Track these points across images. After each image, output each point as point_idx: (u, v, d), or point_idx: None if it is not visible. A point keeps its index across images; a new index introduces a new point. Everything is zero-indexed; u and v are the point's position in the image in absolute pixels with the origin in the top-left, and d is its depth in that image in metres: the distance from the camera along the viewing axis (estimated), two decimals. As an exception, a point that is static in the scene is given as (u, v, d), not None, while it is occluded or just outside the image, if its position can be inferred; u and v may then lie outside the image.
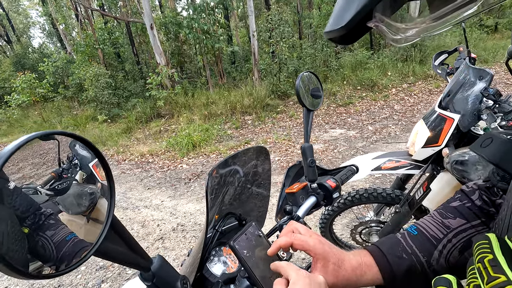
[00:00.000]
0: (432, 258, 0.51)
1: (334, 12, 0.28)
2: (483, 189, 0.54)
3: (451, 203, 0.56)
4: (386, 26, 0.27)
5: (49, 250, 0.35)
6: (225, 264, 0.66)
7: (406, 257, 0.51)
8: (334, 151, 4.44)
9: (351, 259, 0.51)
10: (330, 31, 0.28)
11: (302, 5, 14.51)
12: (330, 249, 0.49)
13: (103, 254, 0.34)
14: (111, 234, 0.36)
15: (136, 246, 0.40)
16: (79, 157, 0.48)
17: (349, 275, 0.49)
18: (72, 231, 0.41)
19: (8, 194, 0.39)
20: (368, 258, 0.52)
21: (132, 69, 13.36)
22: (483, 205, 0.52)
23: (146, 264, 0.41)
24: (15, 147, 0.28)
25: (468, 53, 1.55)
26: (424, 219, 0.57)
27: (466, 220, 0.52)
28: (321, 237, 0.52)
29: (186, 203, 3.50)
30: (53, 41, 22.55)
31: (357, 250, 0.55)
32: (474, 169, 1.20)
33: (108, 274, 2.37)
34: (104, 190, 0.44)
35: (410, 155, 1.61)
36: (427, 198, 1.50)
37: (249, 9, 8.43)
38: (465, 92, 1.37)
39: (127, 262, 0.38)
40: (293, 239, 0.50)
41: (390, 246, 0.54)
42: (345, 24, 0.26)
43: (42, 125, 10.09)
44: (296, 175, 0.92)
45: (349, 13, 0.25)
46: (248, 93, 7.51)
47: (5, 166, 0.27)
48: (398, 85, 7.37)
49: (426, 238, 0.53)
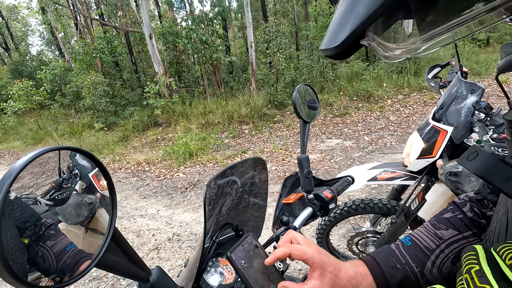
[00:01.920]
0: (425, 268, 0.52)
1: (329, 31, 0.29)
2: (474, 201, 0.56)
3: (444, 215, 0.58)
4: (377, 45, 0.28)
5: (49, 260, 0.35)
6: (222, 275, 0.66)
7: (400, 267, 0.52)
8: (330, 161, 4.46)
9: (347, 268, 0.51)
10: (325, 49, 0.29)
11: (299, 17, 14.82)
12: (327, 259, 0.50)
13: (104, 266, 0.34)
14: (112, 246, 0.36)
15: (136, 257, 0.40)
16: (79, 167, 0.49)
17: (345, 284, 0.49)
18: (72, 242, 0.42)
19: (8, 204, 0.39)
20: (364, 268, 0.53)
21: (130, 78, 13.41)
22: (474, 216, 0.54)
23: (145, 275, 0.41)
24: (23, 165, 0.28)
25: (460, 67, 1.60)
26: (418, 230, 0.58)
27: (458, 231, 0.53)
28: (318, 247, 0.52)
29: (182, 212, 3.47)
30: (51, 49, 22.64)
31: (353, 260, 0.56)
32: (468, 181, 1.22)
33: (101, 285, 2.33)
34: (105, 201, 0.45)
35: (405, 166, 1.63)
36: (423, 209, 1.51)
37: (247, 21, 8.59)
38: (458, 105, 1.40)
39: (127, 273, 0.38)
40: (291, 250, 0.50)
41: (385, 256, 0.55)
42: (339, 43, 0.27)
43: (37, 132, 10.02)
44: (292, 186, 0.92)
45: (344, 33, 0.26)
46: (246, 103, 7.57)
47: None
48: (394, 96, 7.48)
49: (420, 248, 0.54)
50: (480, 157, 0.40)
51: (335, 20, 0.28)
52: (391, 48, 0.30)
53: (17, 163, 0.28)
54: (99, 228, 0.48)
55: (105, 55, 11.91)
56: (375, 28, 0.26)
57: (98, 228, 0.48)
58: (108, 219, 0.38)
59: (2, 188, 0.26)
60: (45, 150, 0.32)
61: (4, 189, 0.26)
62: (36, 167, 0.47)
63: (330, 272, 0.49)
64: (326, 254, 0.51)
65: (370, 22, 0.24)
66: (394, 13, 0.25)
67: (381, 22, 0.26)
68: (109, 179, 0.40)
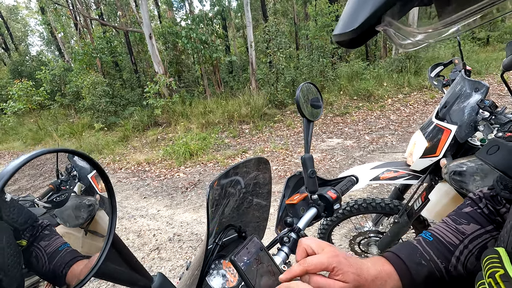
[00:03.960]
0: (450, 264, 0.50)
1: (344, 15, 0.28)
2: (488, 198, 0.54)
3: (463, 209, 0.56)
4: (395, 30, 0.27)
5: (42, 261, 0.34)
6: (224, 277, 0.64)
7: (425, 263, 0.51)
8: (331, 160, 4.44)
9: (369, 267, 0.49)
10: (340, 34, 0.28)
11: (299, 16, 14.80)
12: (346, 260, 0.48)
13: (103, 275, 0.33)
14: (112, 253, 0.34)
15: (136, 264, 0.38)
16: (77, 168, 0.47)
17: (369, 285, 0.47)
18: (65, 242, 0.40)
19: (5, 206, 0.37)
20: (388, 266, 0.51)
21: (130, 78, 13.40)
22: (490, 214, 0.53)
23: (147, 282, 0.39)
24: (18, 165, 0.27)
25: (463, 65, 1.58)
26: (438, 225, 0.57)
27: (480, 225, 0.52)
28: (334, 248, 0.50)
29: (183, 212, 3.46)
30: (51, 49, 22.62)
31: (374, 258, 0.53)
32: (472, 180, 1.20)
33: (102, 285, 2.31)
34: (105, 203, 0.43)
35: (408, 165, 1.61)
36: (426, 209, 1.49)
37: (247, 20, 8.57)
38: (462, 103, 1.38)
39: (127, 281, 0.36)
40: (306, 267, 0.48)
41: (408, 253, 0.53)
42: (356, 27, 0.26)
43: (37, 132, 10.00)
44: (295, 186, 0.91)
45: (361, 17, 0.25)
46: (246, 102, 7.55)
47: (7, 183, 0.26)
48: (394, 95, 7.46)
49: (443, 244, 0.53)
50: (502, 150, 0.38)
51: (351, 4, 0.27)
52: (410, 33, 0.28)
53: (10, 164, 0.27)
54: (99, 230, 0.46)
55: (105, 55, 11.90)
56: (392, 13, 0.25)
57: (98, 230, 0.47)
58: (108, 224, 0.36)
59: None
60: (40, 152, 0.31)
61: None
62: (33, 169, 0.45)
63: (352, 272, 0.47)
64: (344, 255, 0.49)
65: (389, 6, 0.23)
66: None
67: (398, 7, 0.25)
68: (108, 182, 0.38)
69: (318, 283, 0.47)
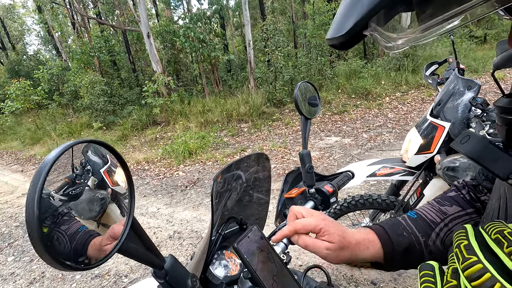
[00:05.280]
0: (429, 239, 0.55)
1: (335, 22, 0.32)
2: (470, 186, 0.60)
3: (448, 194, 0.62)
4: (380, 35, 0.31)
5: (63, 242, 0.38)
6: (226, 267, 0.68)
7: (406, 235, 0.56)
8: (329, 158, 4.48)
9: (354, 233, 0.55)
10: (331, 38, 0.32)
11: (297, 15, 14.80)
12: (332, 224, 0.53)
13: (124, 252, 0.37)
14: (131, 233, 0.38)
15: (152, 245, 0.42)
16: (91, 163, 0.50)
17: (353, 247, 0.52)
18: (83, 225, 0.44)
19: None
20: (372, 235, 0.56)
21: (128, 77, 13.39)
22: (471, 200, 0.58)
23: (160, 262, 0.43)
24: (56, 156, 0.31)
25: (457, 64, 1.62)
26: (423, 206, 0.62)
27: (461, 208, 0.57)
28: (323, 215, 0.56)
29: (182, 210, 3.49)
30: (48, 48, 22.52)
31: (360, 228, 0.59)
32: (465, 175, 1.24)
33: (104, 282, 2.35)
34: (116, 196, 0.47)
35: (404, 161, 1.65)
36: (421, 204, 1.54)
37: (245, 19, 8.58)
38: (455, 101, 1.42)
39: (144, 260, 0.40)
40: (295, 226, 0.53)
41: (392, 225, 0.58)
42: (345, 33, 0.29)
43: (35, 132, 9.98)
44: (294, 181, 0.94)
45: (348, 24, 0.29)
46: (244, 101, 7.58)
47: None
48: (392, 93, 7.51)
49: (425, 221, 0.58)
50: (471, 140, 0.42)
51: (340, 12, 0.31)
52: (392, 38, 0.32)
53: (48, 157, 0.30)
54: (110, 223, 0.50)
55: (103, 54, 11.88)
56: (377, 19, 0.28)
57: (109, 223, 0.50)
58: (127, 208, 0.40)
59: (39, 180, 0.28)
60: (74, 143, 0.35)
61: (41, 179, 0.29)
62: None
63: (338, 234, 0.52)
64: (331, 220, 0.54)
65: (373, 14, 0.26)
66: (396, 6, 0.27)
67: (383, 14, 0.28)
68: (127, 170, 0.43)
69: (306, 242, 0.53)
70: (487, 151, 0.40)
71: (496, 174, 0.39)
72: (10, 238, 3.41)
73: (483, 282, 0.26)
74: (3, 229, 3.69)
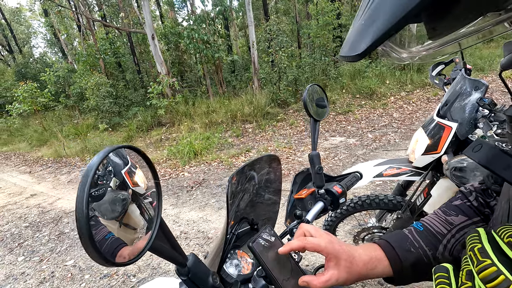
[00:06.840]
0: (437, 252, 0.56)
1: (349, 40, 0.32)
2: (478, 191, 0.60)
3: (453, 202, 0.62)
4: (390, 49, 0.32)
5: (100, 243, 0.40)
6: (238, 266, 0.70)
7: (414, 250, 0.56)
8: (334, 158, 4.48)
9: (361, 254, 0.55)
10: (346, 56, 0.32)
11: (301, 15, 14.80)
12: (340, 247, 0.53)
13: (153, 249, 0.39)
14: (159, 233, 0.41)
15: (176, 244, 0.45)
16: (113, 164, 0.52)
17: (360, 269, 0.53)
18: (110, 231, 0.46)
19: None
20: (379, 252, 0.56)
21: (133, 78, 13.49)
22: (479, 206, 0.58)
23: (183, 260, 0.45)
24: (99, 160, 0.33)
25: (463, 64, 1.62)
26: (429, 216, 0.62)
27: (468, 217, 0.57)
28: (331, 236, 0.56)
29: (188, 211, 3.52)
30: (54, 50, 22.79)
31: (366, 244, 0.59)
32: (473, 175, 1.25)
33: (112, 282, 2.38)
34: (136, 197, 0.49)
35: (411, 162, 1.65)
36: (428, 204, 1.54)
37: (249, 20, 8.61)
38: (462, 101, 1.43)
39: (169, 257, 0.42)
40: (305, 243, 0.54)
41: (399, 240, 0.58)
42: (361, 52, 0.30)
43: (42, 134, 10.12)
44: (302, 182, 0.96)
45: (364, 44, 0.29)
46: (248, 102, 7.60)
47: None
48: (397, 93, 7.47)
49: (432, 233, 0.58)
50: (484, 148, 0.44)
51: (355, 30, 0.31)
52: (402, 52, 0.33)
53: (92, 161, 0.33)
54: (131, 223, 0.52)
55: (108, 56, 12.00)
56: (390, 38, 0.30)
57: (130, 223, 0.52)
58: (156, 209, 0.43)
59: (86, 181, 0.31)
60: (113, 148, 0.38)
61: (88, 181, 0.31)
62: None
63: (344, 259, 0.52)
64: (339, 243, 0.55)
65: (388, 36, 0.27)
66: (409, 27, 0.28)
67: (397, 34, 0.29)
68: (155, 172, 0.45)
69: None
70: (499, 158, 0.41)
71: (509, 180, 0.40)
72: (20, 239, 3.47)
73: (498, 284, 0.28)
74: (13, 229, 3.75)
